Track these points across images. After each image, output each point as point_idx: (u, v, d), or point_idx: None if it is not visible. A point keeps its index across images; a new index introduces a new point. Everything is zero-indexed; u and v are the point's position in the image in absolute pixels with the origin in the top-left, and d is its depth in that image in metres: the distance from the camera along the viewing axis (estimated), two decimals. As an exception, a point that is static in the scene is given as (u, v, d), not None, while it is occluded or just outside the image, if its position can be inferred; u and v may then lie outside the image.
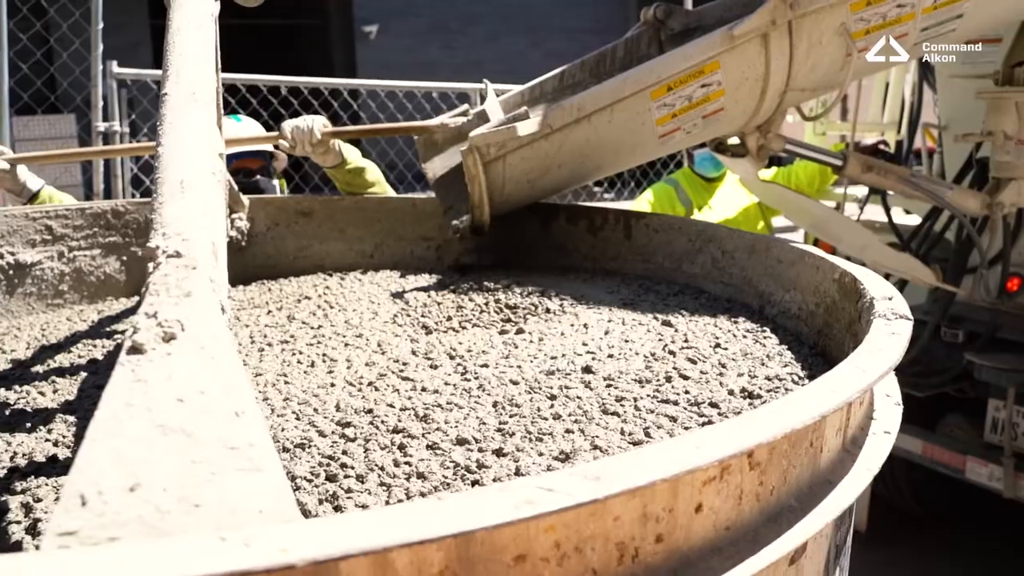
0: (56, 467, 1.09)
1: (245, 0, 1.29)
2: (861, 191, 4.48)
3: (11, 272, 2.05)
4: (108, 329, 1.84)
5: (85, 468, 0.54)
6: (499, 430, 1.08)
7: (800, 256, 1.58)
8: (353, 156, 2.71)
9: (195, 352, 0.62)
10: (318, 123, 2.36)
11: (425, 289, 1.92)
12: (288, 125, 2.37)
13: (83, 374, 1.51)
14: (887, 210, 4.03)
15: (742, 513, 0.72)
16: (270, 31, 17.23)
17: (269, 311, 1.84)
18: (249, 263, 2.29)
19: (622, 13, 18.05)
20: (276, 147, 2.73)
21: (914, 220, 4.27)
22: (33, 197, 2.69)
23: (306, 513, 0.90)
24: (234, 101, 4.72)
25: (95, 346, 1.70)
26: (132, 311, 2.01)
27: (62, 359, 1.62)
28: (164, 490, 0.53)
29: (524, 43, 17.40)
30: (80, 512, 0.51)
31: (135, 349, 0.61)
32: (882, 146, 4.24)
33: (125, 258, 2.21)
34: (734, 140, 2.61)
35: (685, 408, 1.14)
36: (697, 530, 0.68)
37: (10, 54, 3.38)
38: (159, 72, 3.79)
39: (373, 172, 2.78)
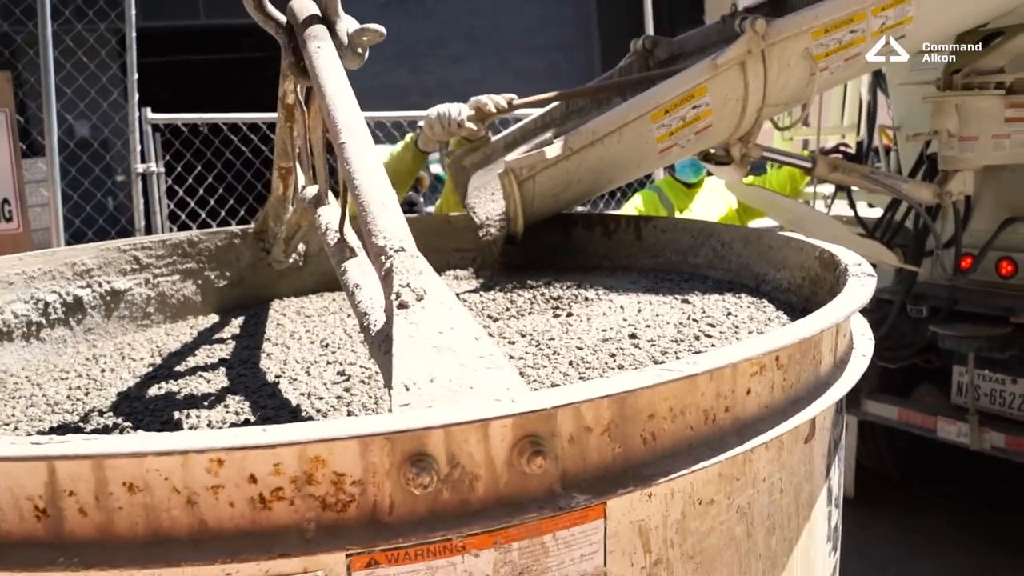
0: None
1: (350, 63, 1.65)
2: (829, 189, 4.94)
3: (108, 298, 2.35)
4: (214, 337, 2.19)
5: (400, 372, 0.92)
6: (581, 378, 1.46)
7: (787, 242, 1.98)
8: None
9: (438, 305, 1.00)
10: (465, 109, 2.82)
11: (475, 290, 2.30)
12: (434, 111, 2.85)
13: (222, 369, 1.87)
14: (852, 204, 4.48)
15: (774, 398, 1.11)
16: (240, 65, 17.54)
17: (348, 315, 2.20)
18: (306, 279, 2.63)
19: (585, 30, 18.58)
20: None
21: (877, 212, 4.73)
22: None
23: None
24: (197, 142, 5.09)
25: (212, 351, 2.05)
26: (219, 326, 2.35)
27: (192, 361, 1.97)
28: (450, 380, 0.91)
29: (492, 63, 17.84)
30: (407, 394, 0.90)
31: (403, 305, 1.00)
32: (843, 147, 4.70)
33: (200, 282, 2.55)
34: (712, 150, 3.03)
35: (714, 356, 1.53)
36: (748, 406, 1.07)
37: (58, 106, 3.76)
38: (188, 116, 4.14)
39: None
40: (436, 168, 11.84)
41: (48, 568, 0.83)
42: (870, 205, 4.90)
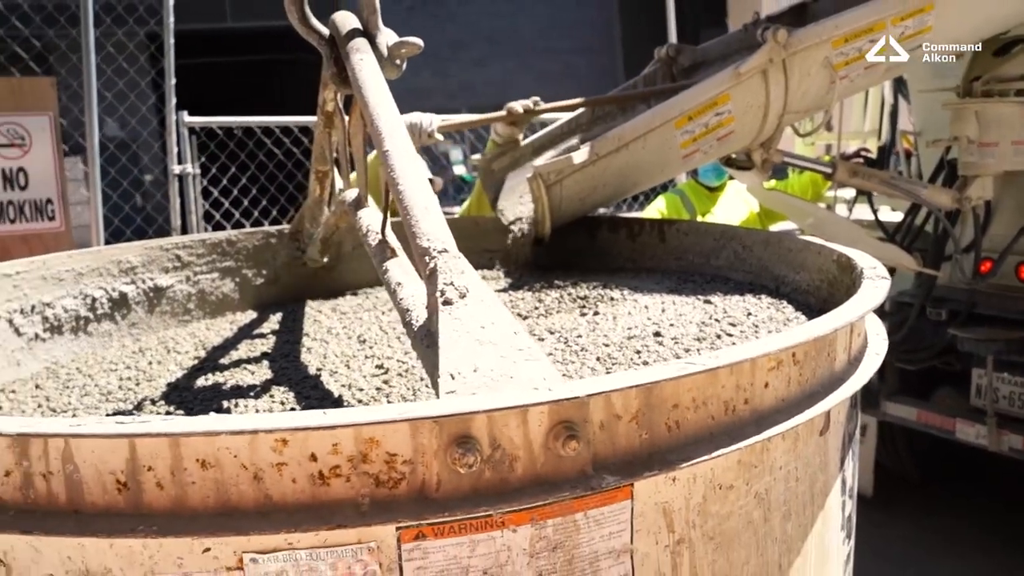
0: (298, 416, 1.54)
1: (389, 74, 1.74)
2: (851, 193, 5.00)
3: (151, 295, 2.44)
4: (255, 333, 2.28)
5: (446, 363, 1.01)
6: (607, 372, 1.55)
7: (806, 245, 2.05)
8: None
9: (479, 302, 1.09)
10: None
11: (505, 290, 2.38)
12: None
13: (264, 362, 1.96)
14: (873, 208, 4.54)
15: (790, 391, 1.19)
16: (265, 66, 17.73)
17: (382, 312, 2.29)
18: (338, 279, 2.72)
19: (607, 34, 18.62)
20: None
21: (901, 216, 4.79)
22: None
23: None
24: (232, 144, 5.22)
25: (253, 345, 2.14)
26: (258, 322, 2.44)
27: (235, 355, 2.06)
28: (491, 370, 1.00)
29: (513, 66, 17.93)
30: (452, 382, 0.98)
31: (447, 302, 1.09)
32: (864, 152, 4.76)
33: (238, 279, 2.64)
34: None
35: (735, 353, 1.61)
36: (766, 399, 1.15)
37: (99, 110, 3.89)
38: (224, 119, 4.25)
39: None
40: (459, 170, 11.97)
41: (128, 535, 0.92)
42: (893, 209, 4.95)
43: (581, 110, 2.96)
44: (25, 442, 0.94)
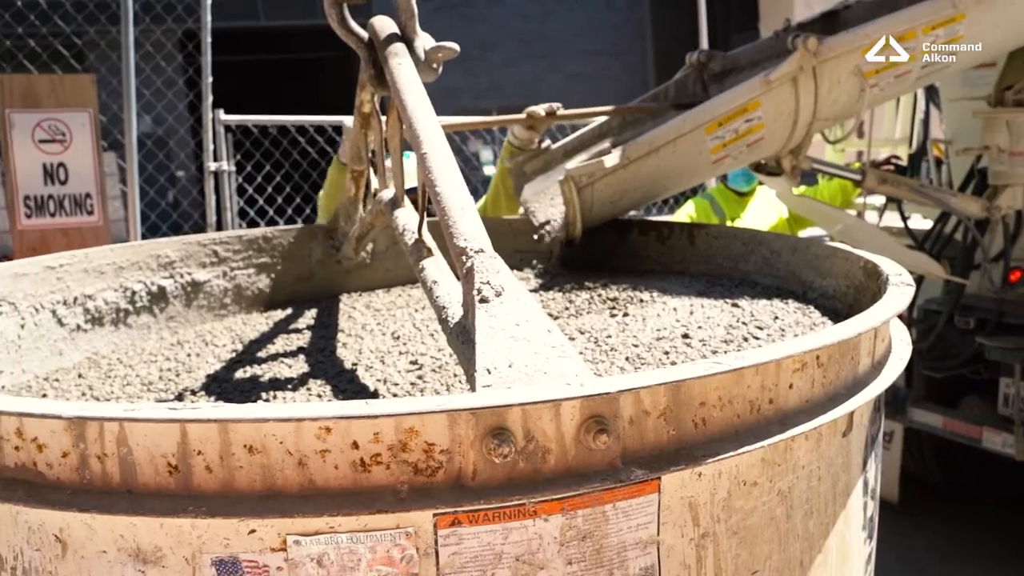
0: (335, 408, 1.59)
1: (426, 78, 1.79)
2: (881, 200, 5.00)
3: (189, 289, 2.50)
4: (290, 328, 2.34)
5: (482, 358, 1.05)
6: (636, 371, 1.58)
7: (833, 251, 2.08)
8: None
9: (515, 301, 1.13)
10: None
11: (535, 290, 2.42)
12: None
13: (301, 356, 2.01)
14: (903, 216, 4.54)
15: (814, 393, 1.22)
16: (297, 64, 17.87)
17: (416, 309, 2.34)
18: (372, 276, 2.77)
19: (638, 34, 18.60)
20: None
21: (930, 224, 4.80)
22: None
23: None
24: (266, 142, 5.29)
25: (289, 340, 2.20)
26: (293, 317, 2.50)
27: (271, 349, 2.11)
28: (525, 366, 1.04)
29: (544, 67, 17.96)
30: (488, 376, 1.03)
31: (483, 300, 1.13)
32: (894, 160, 4.77)
33: (273, 275, 2.69)
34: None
35: (761, 356, 1.64)
36: (790, 399, 1.18)
37: (138, 108, 3.98)
38: (259, 117, 4.33)
39: None
40: (489, 170, 12.02)
41: (178, 516, 0.97)
42: (924, 217, 4.95)
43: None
44: (82, 425, 0.99)
